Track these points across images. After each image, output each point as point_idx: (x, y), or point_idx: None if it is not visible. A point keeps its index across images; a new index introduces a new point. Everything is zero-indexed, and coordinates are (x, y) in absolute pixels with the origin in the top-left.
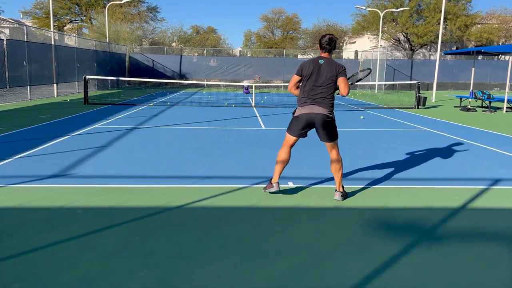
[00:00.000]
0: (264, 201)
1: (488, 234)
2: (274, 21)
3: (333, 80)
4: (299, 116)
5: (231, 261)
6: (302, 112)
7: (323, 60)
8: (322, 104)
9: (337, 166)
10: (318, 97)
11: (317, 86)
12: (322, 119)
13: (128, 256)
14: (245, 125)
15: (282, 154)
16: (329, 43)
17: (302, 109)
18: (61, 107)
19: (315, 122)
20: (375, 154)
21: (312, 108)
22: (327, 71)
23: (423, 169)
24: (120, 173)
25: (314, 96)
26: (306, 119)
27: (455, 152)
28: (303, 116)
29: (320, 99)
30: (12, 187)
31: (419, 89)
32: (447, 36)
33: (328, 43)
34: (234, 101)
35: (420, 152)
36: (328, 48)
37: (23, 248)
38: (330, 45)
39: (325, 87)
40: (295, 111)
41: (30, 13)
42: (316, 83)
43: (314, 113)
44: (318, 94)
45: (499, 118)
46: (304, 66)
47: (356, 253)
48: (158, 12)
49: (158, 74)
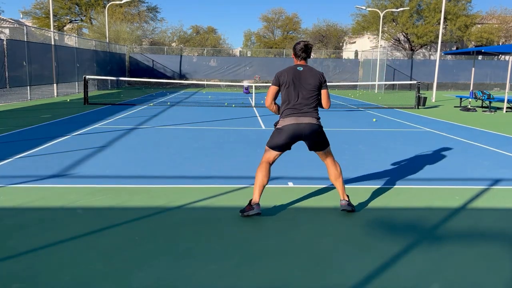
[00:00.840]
0: (264, 201)
1: (488, 234)
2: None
3: (317, 88)
4: (283, 127)
5: (231, 261)
6: (288, 123)
7: (302, 67)
8: (309, 113)
9: (336, 173)
10: (303, 106)
11: (300, 95)
12: (311, 129)
13: (128, 256)
14: (245, 125)
15: (260, 176)
16: (305, 51)
17: (287, 120)
18: (61, 107)
19: (303, 134)
20: (375, 154)
21: (299, 119)
22: (310, 79)
23: (423, 169)
24: (120, 173)
25: (299, 105)
26: (292, 131)
27: (455, 152)
28: (289, 127)
29: (306, 108)
30: (12, 187)
31: (419, 89)
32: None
33: (304, 51)
34: (234, 101)
35: (420, 152)
36: (304, 56)
37: (23, 248)
38: (306, 52)
39: (310, 96)
40: (277, 122)
41: (30, 13)
42: (299, 91)
43: (302, 123)
44: (303, 103)
45: (499, 118)
46: (281, 74)
47: (356, 253)
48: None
49: (158, 74)
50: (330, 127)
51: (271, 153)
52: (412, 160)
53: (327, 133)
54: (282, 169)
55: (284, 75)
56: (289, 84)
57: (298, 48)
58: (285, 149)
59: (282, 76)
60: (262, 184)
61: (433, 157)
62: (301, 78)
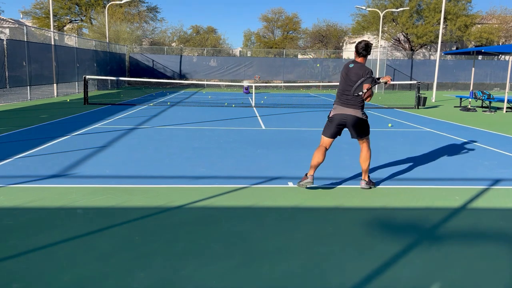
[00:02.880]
0: (264, 201)
1: (488, 234)
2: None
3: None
4: (333, 117)
5: (232, 262)
6: (335, 113)
7: (354, 64)
8: (352, 105)
9: (365, 157)
10: (347, 99)
11: (345, 89)
12: (353, 119)
13: (128, 256)
14: (245, 125)
15: (318, 156)
16: (365, 49)
17: (335, 110)
18: (61, 107)
19: (347, 122)
20: (375, 154)
21: (343, 110)
22: (354, 75)
23: (423, 169)
24: (120, 173)
25: (344, 98)
26: (338, 120)
27: (455, 152)
28: (336, 117)
29: (349, 101)
30: (12, 187)
31: (419, 89)
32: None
33: (365, 49)
34: (234, 101)
35: (420, 152)
36: (364, 54)
37: (23, 248)
38: (366, 50)
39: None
40: (330, 112)
41: (30, 13)
42: (345, 86)
43: (345, 114)
44: (347, 96)
45: (499, 118)
46: (342, 71)
47: (357, 253)
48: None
49: (158, 74)
50: None
51: (326, 139)
52: (412, 160)
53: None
54: (282, 169)
55: (342, 70)
56: (341, 78)
57: (359, 47)
58: (335, 135)
59: (342, 71)
60: (318, 162)
61: (433, 157)
62: (348, 73)
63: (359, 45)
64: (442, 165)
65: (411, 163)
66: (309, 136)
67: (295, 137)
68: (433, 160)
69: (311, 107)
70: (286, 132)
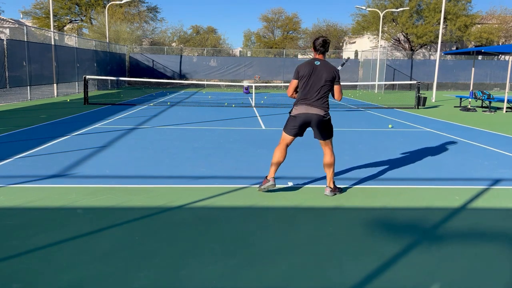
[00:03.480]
0: (264, 201)
1: (488, 234)
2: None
3: (330, 82)
4: (296, 115)
5: (232, 262)
6: (299, 112)
7: (319, 61)
8: (318, 105)
9: (329, 162)
10: (314, 98)
11: (313, 87)
12: (318, 119)
13: (128, 256)
14: (245, 125)
15: (278, 154)
16: (323, 45)
17: (299, 109)
18: (61, 107)
19: (311, 122)
20: (375, 154)
21: (308, 109)
22: (324, 73)
23: (423, 169)
24: (120, 173)
25: (311, 97)
26: (302, 119)
27: (455, 152)
28: (300, 116)
29: (316, 100)
30: (12, 187)
31: (419, 89)
32: (447, 36)
33: (322, 45)
34: (234, 101)
35: (421, 152)
36: (322, 50)
37: (23, 248)
38: (324, 47)
39: (321, 88)
40: (291, 110)
41: (30, 13)
42: (312, 84)
43: (310, 113)
44: (314, 95)
45: (499, 118)
46: (300, 68)
47: (357, 253)
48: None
49: (158, 74)
50: None
51: (286, 137)
52: (412, 160)
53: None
54: (282, 169)
55: (302, 68)
56: (305, 76)
57: (317, 43)
58: (298, 134)
59: (301, 69)
60: (278, 162)
61: (433, 157)
62: (316, 71)
63: (317, 41)
64: (442, 165)
65: (411, 163)
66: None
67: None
68: (433, 160)
69: None
70: None
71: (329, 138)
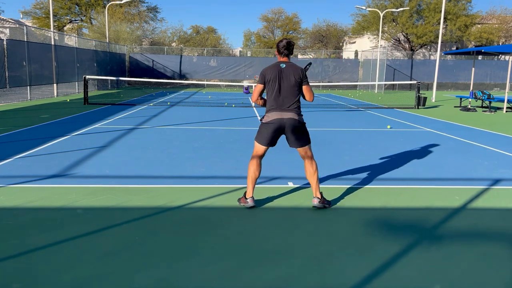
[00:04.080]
0: (264, 201)
1: (488, 234)
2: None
3: (298, 84)
4: (268, 122)
5: (232, 262)
6: (272, 118)
7: (285, 64)
8: (291, 109)
9: (311, 171)
10: (285, 102)
11: (283, 91)
12: (293, 124)
13: (128, 256)
14: (245, 125)
15: (252, 168)
16: (287, 48)
17: (271, 115)
18: (61, 107)
19: (285, 127)
20: (375, 154)
21: (282, 114)
22: (291, 75)
23: (423, 169)
24: (120, 173)
25: (282, 101)
26: (276, 125)
27: (455, 152)
28: (273, 122)
29: (288, 104)
30: (12, 187)
31: (419, 89)
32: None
33: (286, 48)
34: (234, 101)
35: (421, 152)
36: (286, 53)
37: (23, 248)
38: (289, 49)
39: (292, 92)
40: (263, 117)
41: (30, 13)
42: (281, 88)
43: (284, 118)
44: (285, 99)
45: (499, 118)
46: (266, 72)
47: (357, 253)
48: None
49: (158, 74)
50: (329, 127)
51: (259, 147)
52: (412, 160)
53: (327, 132)
54: (282, 169)
55: (268, 72)
56: (272, 81)
57: (280, 46)
58: (270, 143)
59: (267, 73)
60: (255, 177)
61: (433, 157)
62: (283, 74)
63: (280, 43)
64: (442, 165)
65: (411, 163)
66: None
67: None
68: (433, 160)
69: (311, 107)
70: None
71: (307, 144)
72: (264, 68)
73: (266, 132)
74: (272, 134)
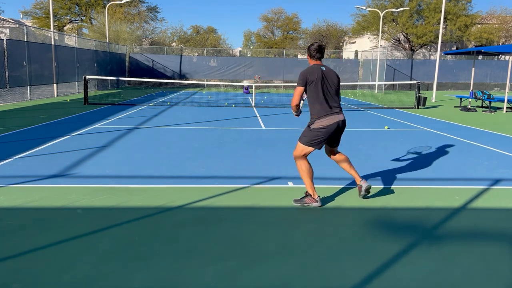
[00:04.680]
0: (264, 201)
1: (489, 234)
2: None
3: (338, 86)
4: (326, 127)
5: (232, 262)
6: (331, 122)
7: (324, 67)
8: (341, 111)
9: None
10: (334, 105)
11: (330, 94)
12: (344, 124)
13: (128, 256)
14: (245, 125)
15: (307, 167)
16: (319, 51)
17: (328, 119)
18: (61, 107)
19: (339, 128)
20: (375, 154)
21: (338, 117)
22: (334, 77)
23: (423, 169)
24: (120, 173)
25: (332, 103)
26: (334, 127)
27: (455, 152)
28: (331, 125)
29: (337, 105)
30: (12, 187)
31: (419, 89)
32: (447, 36)
33: (318, 51)
34: (234, 101)
35: (420, 152)
36: (319, 56)
37: (23, 248)
38: (320, 52)
39: (336, 93)
40: (312, 123)
41: (30, 13)
42: (329, 91)
43: (340, 120)
44: (333, 102)
45: (499, 118)
46: (309, 74)
47: (357, 253)
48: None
49: (158, 74)
50: None
51: (309, 149)
52: (412, 160)
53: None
54: (282, 169)
55: (310, 75)
56: (316, 83)
57: (312, 49)
58: (321, 147)
59: (310, 75)
60: (311, 172)
61: (433, 157)
62: (327, 78)
63: (312, 47)
64: (442, 165)
65: (411, 163)
66: None
67: (295, 137)
68: (433, 160)
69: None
70: (286, 132)
71: None
72: (303, 71)
73: (323, 136)
74: (328, 138)
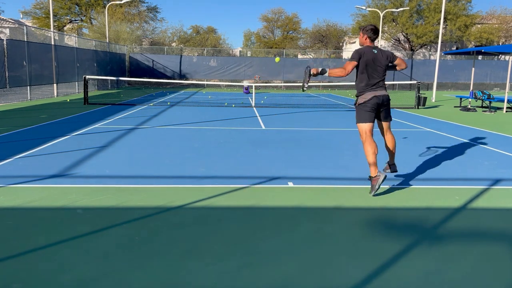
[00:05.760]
0: (264, 201)
1: (489, 234)
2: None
3: (386, 67)
4: (370, 100)
5: (231, 262)
6: (370, 97)
7: (376, 50)
8: (383, 87)
9: (394, 141)
10: (380, 82)
11: (377, 73)
12: (387, 99)
13: (128, 256)
14: (245, 125)
15: (371, 147)
16: (375, 32)
17: (367, 95)
18: (61, 107)
19: (382, 103)
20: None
21: (376, 92)
22: (382, 61)
23: (423, 169)
24: (120, 173)
25: (376, 81)
26: (376, 101)
27: (455, 152)
28: (374, 99)
29: (381, 83)
30: (12, 187)
31: (419, 89)
32: (447, 36)
33: (374, 32)
34: (234, 101)
35: (420, 152)
36: (374, 37)
37: (23, 248)
38: (375, 33)
39: (382, 73)
40: (357, 100)
41: (30, 13)
42: (374, 71)
43: (380, 95)
44: (379, 80)
45: (499, 118)
46: (363, 53)
47: (357, 254)
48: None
49: (158, 74)
50: (330, 127)
51: (366, 126)
52: (412, 160)
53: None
54: (282, 169)
55: (365, 53)
56: (367, 63)
57: (368, 29)
58: (374, 118)
59: (364, 54)
60: (375, 154)
61: (433, 157)
62: (376, 59)
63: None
64: (442, 165)
65: (411, 163)
66: (309, 136)
67: (295, 137)
68: (433, 160)
69: (312, 107)
70: (286, 132)
71: (391, 119)
72: (358, 49)
73: (367, 110)
74: (373, 110)
